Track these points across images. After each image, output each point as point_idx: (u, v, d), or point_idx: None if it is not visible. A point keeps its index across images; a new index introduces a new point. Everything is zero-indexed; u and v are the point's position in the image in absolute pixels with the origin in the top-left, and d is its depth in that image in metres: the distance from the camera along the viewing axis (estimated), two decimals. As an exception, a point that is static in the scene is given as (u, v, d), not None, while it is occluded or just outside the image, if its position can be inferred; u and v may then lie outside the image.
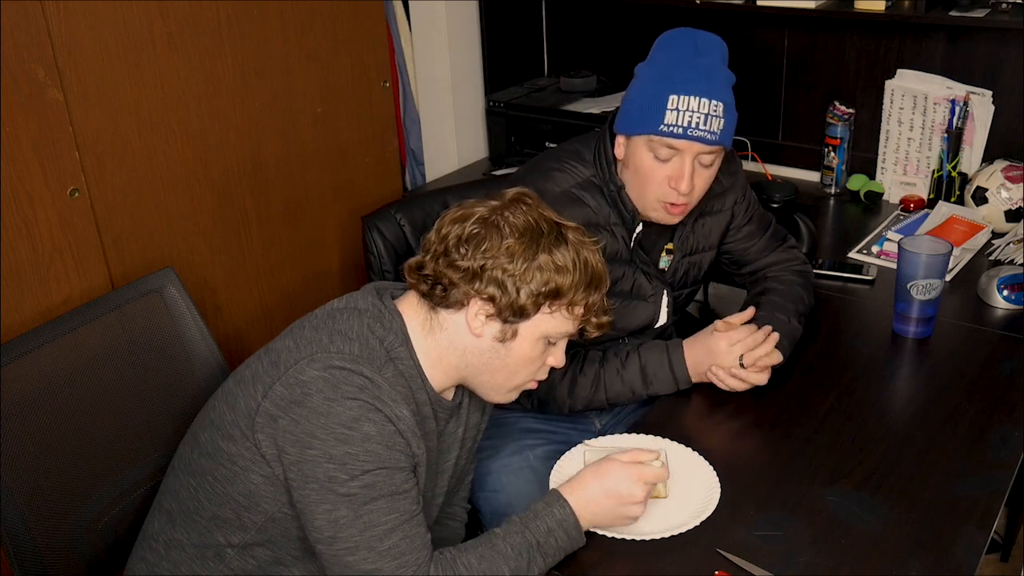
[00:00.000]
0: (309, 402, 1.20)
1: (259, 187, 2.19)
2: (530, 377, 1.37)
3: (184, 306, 1.69)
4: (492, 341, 1.30)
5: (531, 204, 1.32)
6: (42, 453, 1.46)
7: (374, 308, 1.32)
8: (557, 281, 1.28)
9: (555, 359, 1.37)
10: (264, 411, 1.23)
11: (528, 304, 1.27)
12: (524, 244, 1.27)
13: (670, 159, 1.58)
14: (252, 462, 1.25)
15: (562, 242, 1.30)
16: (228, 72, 2.05)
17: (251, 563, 1.33)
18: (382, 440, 1.21)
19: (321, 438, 1.19)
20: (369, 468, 1.20)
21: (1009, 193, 2.19)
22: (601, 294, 1.34)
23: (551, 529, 1.28)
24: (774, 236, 1.91)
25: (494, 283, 1.26)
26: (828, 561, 1.27)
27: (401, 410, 1.24)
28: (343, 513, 1.20)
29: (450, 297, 1.29)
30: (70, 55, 1.74)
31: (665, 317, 1.79)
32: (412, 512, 1.24)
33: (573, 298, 1.30)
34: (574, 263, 1.29)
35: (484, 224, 1.29)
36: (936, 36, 2.35)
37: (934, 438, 1.51)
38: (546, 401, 1.71)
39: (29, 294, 1.74)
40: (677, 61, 1.56)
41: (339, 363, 1.22)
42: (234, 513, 1.30)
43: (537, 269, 1.27)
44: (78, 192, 1.80)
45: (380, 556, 1.20)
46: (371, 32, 2.41)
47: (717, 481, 1.42)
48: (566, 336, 1.36)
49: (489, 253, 1.27)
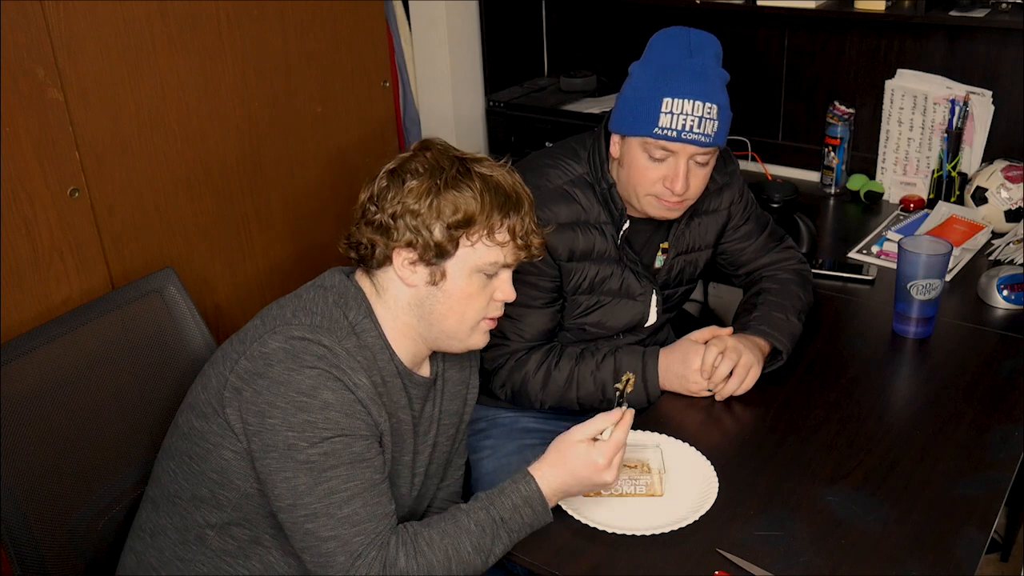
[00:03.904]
0: (270, 372, 1.23)
1: (259, 187, 2.19)
2: (481, 314, 1.36)
3: (184, 306, 1.70)
4: (426, 287, 1.32)
5: (436, 148, 1.33)
6: (42, 452, 1.46)
7: (340, 285, 1.35)
8: (466, 209, 1.28)
9: (503, 293, 1.37)
10: (231, 385, 1.26)
11: (444, 240, 1.28)
12: (427, 183, 1.28)
13: (665, 159, 1.59)
14: (223, 438, 1.28)
15: (466, 172, 1.30)
16: (228, 72, 2.05)
17: (231, 543, 1.34)
18: (341, 408, 1.23)
19: (281, 407, 1.22)
20: (328, 435, 1.22)
21: (1009, 193, 2.19)
22: (523, 215, 1.33)
23: (517, 506, 1.29)
24: (771, 236, 1.91)
25: (407, 228, 1.28)
26: (828, 561, 1.27)
27: (360, 378, 1.25)
28: (302, 480, 1.22)
29: (377, 256, 1.32)
30: (70, 55, 1.74)
31: (655, 316, 1.80)
32: (374, 481, 1.25)
33: (490, 224, 1.30)
34: (482, 189, 1.29)
35: (390, 177, 1.32)
36: (936, 36, 2.35)
37: (934, 438, 1.51)
38: (519, 393, 1.71)
39: (29, 294, 1.74)
40: (671, 62, 1.56)
41: (299, 333, 1.25)
42: (210, 491, 1.32)
43: (444, 202, 1.27)
44: (78, 192, 1.80)
45: (339, 523, 1.22)
46: (371, 32, 2.41)
47: (715, 475, 1.42)
48: (501, 266, 1.34)
49: (395, 201, 1.29)
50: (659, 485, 1.41)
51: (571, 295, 1.73)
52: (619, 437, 1.31)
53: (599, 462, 1.30)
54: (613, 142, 1.66)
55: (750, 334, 1.69)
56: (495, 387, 1.75)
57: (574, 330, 1.78)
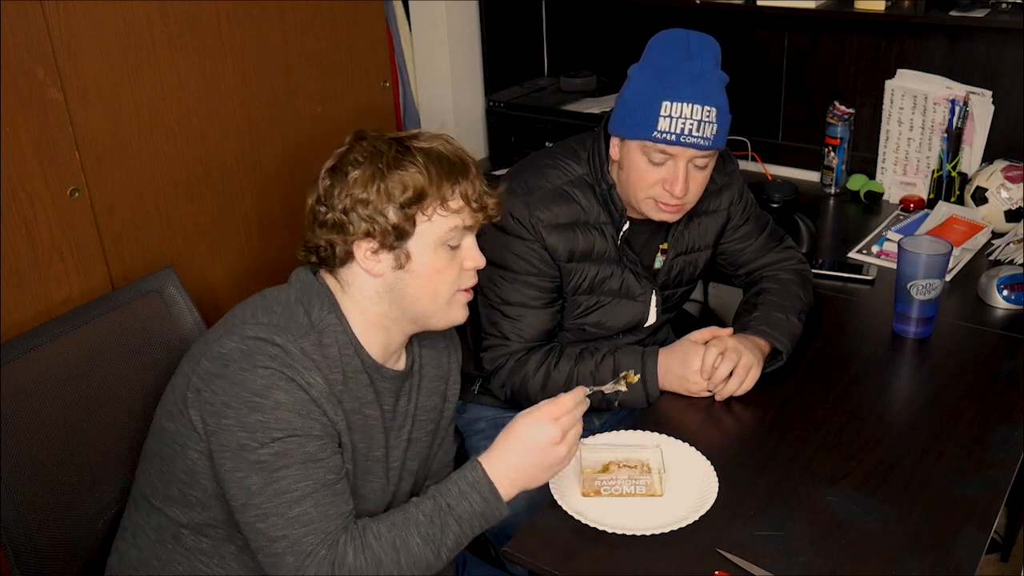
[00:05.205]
0: (226, 373, 1.23)
1: (259, 187, 2.19)
2: (453, 286, 1.34)
3: (184, 306, 1.70)
4: (393, 272, 1.31)
5: (371, 135, 1.33)
6: (41, 452, 1.46)
7: (305, 282, 1.34)
8: (414, 185, 1.27)
9: (472, 260, 1.35)
10: (193, 386, 1.26)
11: (400, 220, 1.27)
12: (369, 170, 1.28)
13: (664, 163, 1.59)
14: (188, 438, 1.28)
15: (406, 150, 1.29)
16: (228, 72, 2.05)
17: (205, 542, 1.34)
18: (294, 408, 1.23)
19: (235, 407, 1.22)
20: (279, 436, 1.22)
21: (1009, 193, 2.19)
22: (472, 179, 1.32)
23: (464, 492, 1.28)
24: (771, 236, 1.91)
25: (361, 219, 1.27)
26: (828, 561, 1.27)
27: (314, 377, 1.25)
28: (254, 480, 1.22)
29: (338, 255, 1.31)
30: (70, 55, 1.74)
31: (654, 316, 1.80)
32: (327, 481, 1.24)
33: (441, 194, 1.29)
34: (425, 162, 1.28)
35: (331, 174, 1.32)
36: (936, 36, 2.35)
37: (934, 438, 1.51)
38: (519, 393, 1.71)
39: (29, 294, 1.74)
40: (670, 65, 1.56)
41: (253, 333, 1.25)
42: (179, 491, 1.32)
43: (391, 184, 1.27)
44: (78, 192, 1.80)
45: (289, 523, 1.21)
46: (371, 32, 2.41)
47: (715, 475, 1.42)
48: (461, 231, 1.33)
49: (343, 196, 1.28)
50: (659, 485, 1.40)
51: (571, 295, 1.73)
52: (566, 401, 1.30)
53: (551, 434, 1.28)
54: (612, 144, 1.66)
55: (750, 334, 1.69)
56: (495, 387, 1.75)
57: (574, 330, 1.78)
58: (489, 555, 1.83)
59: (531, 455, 1.29)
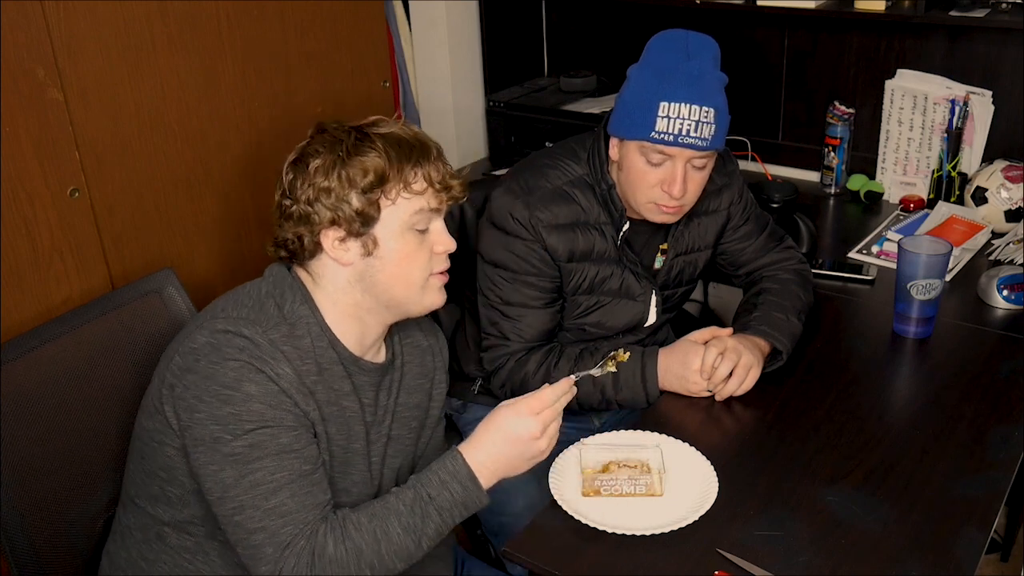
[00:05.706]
0: (197, 367, 1.23)
1: (259, 187, 2.18)
2: (426, 271, 1.34)
3: (184, 306, 1.70)
4: (362, 260, 1.31)
5: (331, 126, 1.33)
6: (41, 452, 1.46)
7: (277, 275, 1.35)
8: (375, 168, 1.27)
9: (442, 243, 1.35)
10: (167, 382, 1.27)
11: (364, 205, 1.27)
12: (329, 158, 1.29)
13: (662, 163, 1.59)
14: (164, 435, 1.28)
15: (365, 136, 1.30)
16: (228, 72, 2.05)
17: (189, 540, 1.35)
18: (265, 399, 1.23)
19: (206, 400, 1.22)
20: (251, 427, 1.22)
21: (1009, 193, 2.19)
22: (433, 160, 1.32)
23: (444, 482, 1.28)
24: (771, 236, 1.91)
25: (325, 208, 1.28)
26: (828, 561, 1.27)
27: (283, 368, 1.25)
28: (229, 473, 1.22)
29: (307, 247, 1.31)
30: (70, 55, 1.74)
31: (654, 317, 1.80)
32: (303, 472, 1.24)
33: (403, 177, 1.29)
34: (384, 146, 1.29)
35: (294, 167, 1.32)
36: (936, 36, 2.35)
37: (934, 438, 1.51)
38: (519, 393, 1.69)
39: (29, 294, 1.74)
40: (668, 66, 1.56)
41: (222, 326, 1.25)
42: (160, 489, 1.32)
43: (352, 170, 1.27)
44: (78, 192, 1.80)
45: (266, 514, 1.21)
46: (371, 32, 2.41)
47: (715, 475, 1.42)
48: (428, 214, 1.32)
49: (305, 186, 1.29)
50: (659, 485, 1.40)
51: (571, 295, 1.73)
52: (547, 395, 1.30)
53: (532, 429, 1.28)
54: (612, 145, 1.66)
55: (750, 334, 1.69)
56: (495, 387, 1.75)
57: (574, 330, 1.78)
58: (489, 555, 1.83)
59: (511, 447, 1.29)
